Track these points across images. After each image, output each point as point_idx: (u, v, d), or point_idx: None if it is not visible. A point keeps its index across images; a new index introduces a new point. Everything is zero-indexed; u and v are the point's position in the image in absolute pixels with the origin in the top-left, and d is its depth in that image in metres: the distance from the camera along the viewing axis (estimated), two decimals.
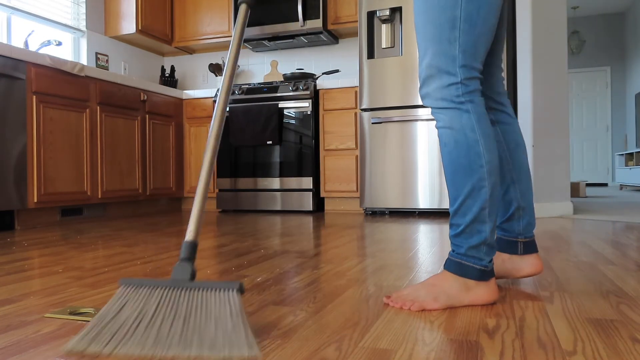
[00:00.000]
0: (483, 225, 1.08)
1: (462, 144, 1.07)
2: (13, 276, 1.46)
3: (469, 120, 1.07)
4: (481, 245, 1.08)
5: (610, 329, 0.93)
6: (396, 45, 3.56)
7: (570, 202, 3.35)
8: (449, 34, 1.07)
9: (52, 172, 2.95)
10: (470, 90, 1.08)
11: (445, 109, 1.09)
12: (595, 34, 9.29)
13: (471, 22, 1.06)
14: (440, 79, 1.09)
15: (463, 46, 1.07)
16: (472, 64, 1.08)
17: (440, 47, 1.08)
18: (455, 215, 1.10)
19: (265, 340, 0.88)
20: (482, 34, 1.08)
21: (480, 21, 1.07)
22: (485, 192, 1.07)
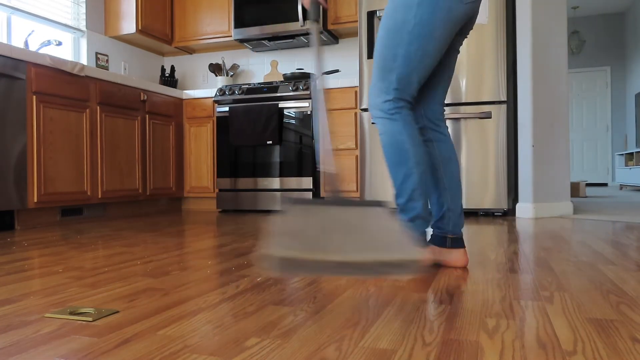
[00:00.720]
0: (416, 203, 1.43)
1: (394, 144, 1.43)
2: (13, 276, 1.47)
3: (398, 126, 1.43)
4: (416, 218, 1.44)
5: (610, 329, 0.93)
6: None
7: (570, 202, 3.35)
8: (390, 65, 1.43)
9: (52, 172, 2.95)
10: (400, 106, 1.44)
11: (382, 118, 1.46)
12: (595, 34, 9.29)
13: (408, 60, 1.41)
14: (380, 97, 1.46)
15: (398, 76, 1.43)
16: (403, 88, 1.44)
17: (383, 74, 1.45)
18: (397, 196, 1.46)
19: (265, 340, 0.88)
20: (415, 70, 1.42)
21: (416, 60, 1.41)
22: (415, 178, 1.42)
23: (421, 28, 1.39)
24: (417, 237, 1.42)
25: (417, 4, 1.39)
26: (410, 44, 1.40)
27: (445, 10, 1.39)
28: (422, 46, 1.40)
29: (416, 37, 1.39)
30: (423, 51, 1.40)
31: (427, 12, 1.39)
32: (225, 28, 4.38)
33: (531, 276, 1.39)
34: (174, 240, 2.24)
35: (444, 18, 1.40)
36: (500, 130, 3.30)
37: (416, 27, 1.39)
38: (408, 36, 1.40)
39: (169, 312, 1.06)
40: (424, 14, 1.39)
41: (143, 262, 1.67)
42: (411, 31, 1.39)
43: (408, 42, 1.40)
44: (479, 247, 1.95)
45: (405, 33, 1.40)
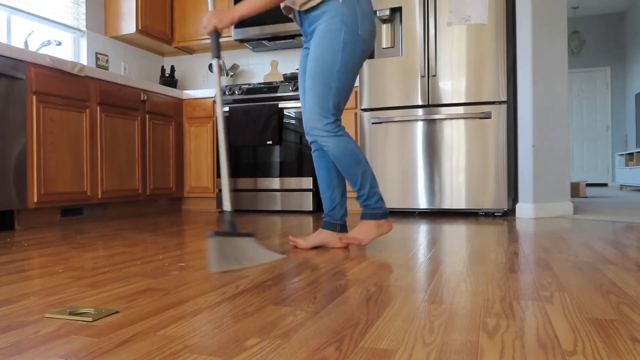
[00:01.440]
0: (376, 189, 1.92)
1: (347, 152, 1.85)
2: (13, 276, 1.46)
3: (344, 140, 1.85)
4: (380, 200, 1.93)
5: (610, 329, 0.93)
6: (396, 45, 3.56)
7: (570, 202, 3.35)
8: (327, 95, 1.84)
9: (52, 172, 2.95)
10: (339, 125, 1.87)
11: (328, 137, 1.84)
12: (595, 34, 9.29)
13: (339, 90, 1.85)
14: (321, 121, 1.84)
15: (334, 103, 1.85)
16: (337, 112, 1.87)
17: (322, 102, 1.84)
18: (360, 189, 1.90)
19: (265, 340, 0.88)
20: (343, 97, 1.88)
21: (344, 91, 1.86)
22: (370, 172, 1.90)
23: (346, 67, 1.83)
24: (382, 214, 1.92)
25: (342, 50, 1.81)
26: (339, 80, 1.84)
27: (360, 53, 1.86)
28: (347, 79, 1.86)
29: (343, 73, 1.84)
30: (348, 83, 1.86)
31: (348, 56, 1.83)
32: None
33: (531, 276, 1.39)
34: (174, 240, 2.24)
35: (359, 58, 1.87)
36: (500, 130, 3.30)
37: (342, 67, 1.83)
38: (337, 74, 1.83)
39: (169, 312, 1.06)
40: (347, 57, 1.83)
41: (143, 262, 1.67)
42: (339, 70, 1.83)
43: (337, 78, 1.83)
44: (479, 247, 1.95)
45: (335, 72, 1.82)
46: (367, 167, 1.89)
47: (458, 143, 3.38)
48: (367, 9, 1.87)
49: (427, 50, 3.46)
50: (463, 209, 3.38)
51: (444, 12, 3.41)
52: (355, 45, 1.82)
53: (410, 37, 3.49)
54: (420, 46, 3.46)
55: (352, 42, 1.82)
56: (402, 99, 3.51)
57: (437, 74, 3.43)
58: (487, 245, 1.99)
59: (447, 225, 2.80)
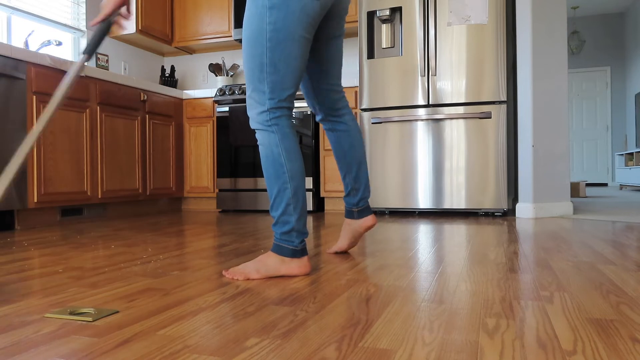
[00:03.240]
0: (290, 217, 1.43)
1: (270, 157, 1.43)
2: (13, 276, 1.47)
3: (275, 139, 1.42)
4: (291, 232, 1.43)
5: (610, 329, 0.93)
6: (396, 45, 3.56)
7: (570, 202, 3.35)
8: (259, 75, 1.41)
9: (52, 172, 2.95)
10: (277, 116, 1.42)
11: (259, 130, 1.44)
12: (595, 34, 9.29)
13: (275, 66, 1.39)
14: (256, 108, 1.44)
15: (270, 85, 1.41)
16: (278, 97, 1.42)
17: (255, 85, 1.43)
18: (271, 210, 1.46)
19: (265, 340, 0.88)
20: (286, 74, 1.41)
21: (283, 65, 1.40)
22: (289, 192, 1.42)
23: (277, 33, 1.38)
24: (289, 250, 1.43)
25: (269, 9, 1.37)
26: (272, 50, 1.39)
27: (297, 11, 1.38)
28: (284, 50, 1.39)
29: (276, 43, 1.38)
30: (287, 55, 1.40)
31: (280, 17, 1.37)
32: (225, 28, 4.38)
33: (531, 276, 1.39)
34: (174, 240, 2.24)
35: (298, 18, 1.39)
36: (500, 130, 3.30)
37: (273, 34, 1.38)
38: (268, 43, 1.38)
39: (169, 312, 1.06)
40: (277, 19, 1.37)
41: (143, 262, 1.67)
42: (270, 38, 1.38)
43: (270, 49, 1.39)
44: (479, 247, 1.95)
45: (265, 41, 1.38)
46: (289, 186, 1.42)
47: (458, 143, 3.38)
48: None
49: (427, 50, 3.46)
50: (463, 209, 3.38)
51: (444, 12, 3.41)
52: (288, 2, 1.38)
53: (410, 37, 3.49)
54: (420, 46, 3.46)
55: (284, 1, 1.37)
56: (402, 99, 3.51)
57: (437, 74, 3.43)
58: (487, 245, 1.99)
59: (447, 225, 2.80)
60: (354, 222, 1.76)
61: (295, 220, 1.43)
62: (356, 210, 1.75)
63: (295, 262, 1.44)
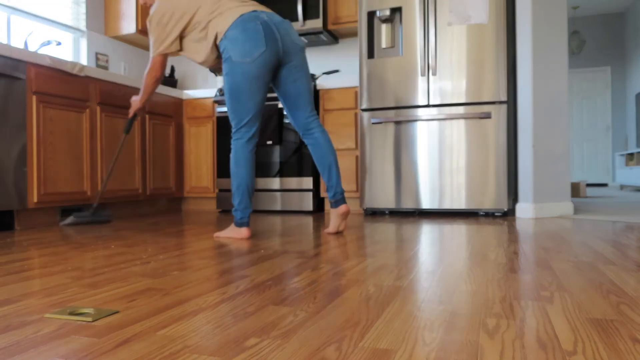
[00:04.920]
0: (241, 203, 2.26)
1: (233, 160, 2.25)
2: (13, 276, 1.46)
3: (234, 153, 2.24)
4: (236, 211, 2.27)
5: (610, 329, 0.93)
6: (396, 45, 3.56)
7: (570, 202, 3.35)
8: (231, 114, 2.25)
9: (52, 172, 2.95)
10: (236, 138, 2.25)
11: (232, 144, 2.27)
12: (595, 34, 9.29)
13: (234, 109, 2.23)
14: (232, 133, 2.28)
15: (235, 121, 2.24)
16: (239, 124, 2.23)
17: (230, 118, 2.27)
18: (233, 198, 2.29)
19: (265, 340, 0.88)
20: (243, 110, 2.22)
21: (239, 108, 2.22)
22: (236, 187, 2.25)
23: (232, 90, 2.19)
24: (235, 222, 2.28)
25: (226, 75, 2.19)
26: (232, 101, 2.21)
27: (239, 74, 2.16)
28: (238, 99, 2.19)
29: (232, 95, 2.20)
30: (240, 101, 2.19)
31: (231, 80, 2.18)
32: None
33: (531, 276, 1.39)
34: (174, 241, 2.24)
35: (244, 79, 2.16)
36: (500, 130, 3.30)
37: (230, 90, 2.20)
38: (229, 97, 2.21)
39: (169, 312, 1.06)
40: (230, 82, 2.19)
41: (143, 262, 1.67)
42: (230, 94, 2.20)
43: (231, 100, 2.21)
44: (479, 247, 1.95)
45: (228, 96, 2.21)
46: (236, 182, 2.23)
47: (458, 143, 3.38)
48: (234, 35, 2.15)
49: (427, 50, 3.46)
50: (463, 209, 3.38)
51: (444, 12, 3.41)
52: (234, 71, 2.16)
53: (410, 37, 3.49)
54: (420, 46, 3.46)
55: (231, 69, 2.17)
56: (402, 99, 3.51)
57: (437, 74, 3.43)
58: (487, 245, 1.99)
59: (447, 225, 2.80)
60: (333, 210, 2.38)
61: (237, 204, 2.27)
62: (333, 201, 2.38)
63: (239, 230, 2.27)
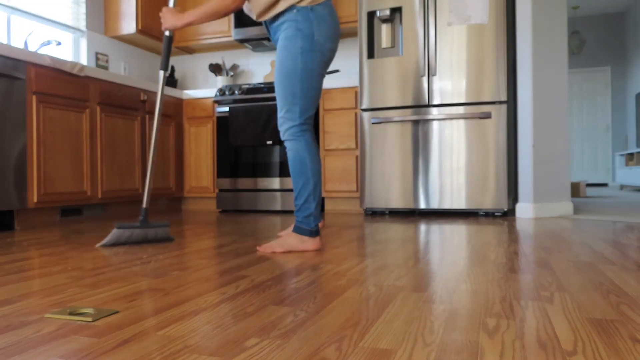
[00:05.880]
0: (310, 204, 1.91)
1: (297, 158, 1.92)
2: (13, 276, 1.46)
3: (302, 145, 1.92)
4: (310, 216, 1.91)
5: (610, 329, 0.93)
6: (396, 45, 3.56)
7: (570, 202, 3.35)
8: (292, 100, 1.92)
9: (52, 172, 2.95)
10: (303, 130, 1.94)
11: (289, 140, 1.94)
12: (596, 34, 9.29)
13: (304, 94, 1.93)
14: (287, 124, 1.93)
15: (300, 107, 1.92)
16: (305, 115, 1.94)
17: (288, 107, 1.93)
18: (296, 199, 1.93)
19: (265, 341, 0.88)
20: (311, 99, 1.95)
21: (310, 92, 1.94)
22: (310, 186, 1.91)
23: (307, 71, 1.92)
24: (307, 231, 1.92)
25: (300, 54, 1.91)
26: (302, 83, 1.92)
27: (319, 56, 1.94)
28: (310, 83, 1.93)
29: (306, 78, 1.92)
30: (312, 86, 1.94)
31: (308, 59, 1.91)
32: (225, 28, 4.38)
33: (531, 276, 1.39)
34: (174, 241, 2.24)
35: (319, 61, 1.94)
36: (500, 130, 3.30)
37: (303, 71, 1.91)
38: (299, 79, 1.91)
39: (169, 312, 1.06)
40: (307, 61, 1.91)
41: (143, 262, 1.67)
42: (301, 74, 1.91)
43: (301, 82, 1.91)
44: (479, 247, 1.95)
45: (297, 76, 1.91)
46: (311, 180, 1.91)
47: (458, 143, 3.38)
48: (323, 13, 1.94)
49: (427, 50, 3.46)
50: (463, 209, 3.38)
51: (444, 12, 3.41)
52: (313, 50, 1.92)
53: (410, 37, 3.49)
54: (420, 46, 3.46)
55: (310, 47, 1.92)
56: (402, 99, 3.51)
57: (437, 74, 3.43)
58: (487, 245, 1.99)
59: (447, 225, 2.80)
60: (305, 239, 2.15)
61: (314, 208, 1.92)
62: None
63: (311, 241, 1.92)
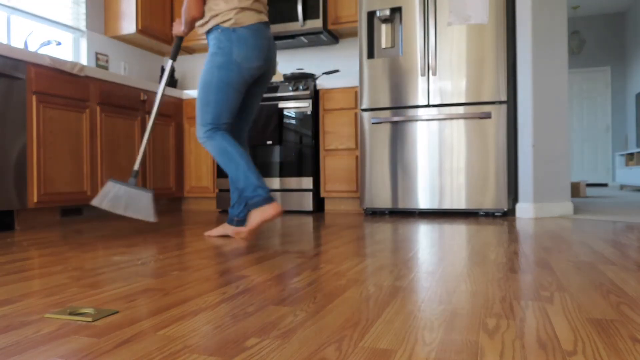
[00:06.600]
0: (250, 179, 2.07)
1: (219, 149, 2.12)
2: (13, 276, 1.47)
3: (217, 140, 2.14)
4: (257, 188, 2.06)
5: (610, 329, 0.93)
6: (396, 45, 3.56)
7: (570, 202, 3.35)
8: (205, 109, 2.17)
9: (52, 172, 2.95)
10: (215, 129, 2.16)
11: (205, 142, 2.17)
12: (596, 34, 9.29)
13: (216, 104, 2.16)
14: (201, 130, 2.18)
15: (213, 115, 2.16)
16: (217, 122, 2.17)
17: (202, 115, 2.18)
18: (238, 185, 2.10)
19: (265, 340, 0.88)
20: (224, 110, 2.17)
21: (225, 105, 2.16)
22: (242, 164, 2.09)
23: (221, 84, 2.15)
24: (261, 199, 2.04)
25: (217, 69, 2.14)
26: (216, 95, 2.15)
27: (234, 73, 2.15)
28: (224, 95, 2.15)
29: (219, 90, 2.15)
30: (226, 98, 2.16)
31: (226, 74, 2.14)
32: None
33: (531, 276, 1.39)
34: (174, 241, 2.24)
35: (238, 79, 2.16)
36: (500, 130, 3.30)
37: (218, 84, 2.15)
38: (214, 90, 2.15)
39: (169, 312, 1.06)
40: (221, 76, 2.14)
41: (143, 262, 1.67)
42: (216, 86, 2.15)
43: (215, 94, 2.15)
44: (479, 247, 1.95)
45: (212, 88, 2.15)
46: (239, 159, 2.08)
47: (458, 143, 3.38)
48: (245, 35, 2.14)
49: (427, 50, 3.46)
50: (463, 209, 3.38)
51: (444, 12, 3.41)
52: (230, 67, 2.14)
53: (410, 37, 3.49)
54: (420, 46, 3.46)
55: (227, 64, 2.14)
56: (402, 99, 3.51)
57: (437, 74, 3.43)
58: (487, 245, 1.99)
59: (447, 225, 2.80)
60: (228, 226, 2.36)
61: (255, 179, 2.08)
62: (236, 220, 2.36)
63: (269, 206, 2.03)
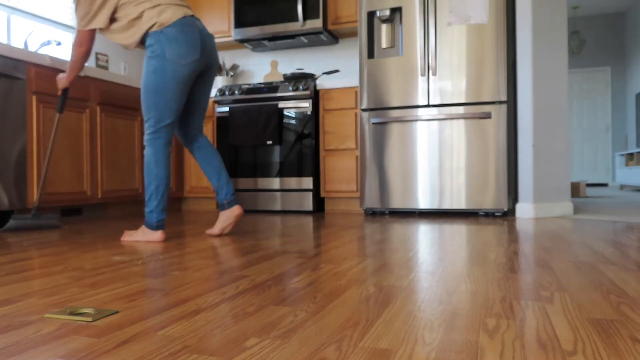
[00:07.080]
0: (152, 202, 2.22)
1: (147, 162, 2.22)
2: (13, 276, 1.46)
3: (150, 151, 2.22)
4: (152, 212, 2.22)
5: (610, 329, 0.93)
6: (396, 45, 3.56)
7: (570, 202, 3.35)
8: (148, 113, 2.21)
9: (52, 172, 2.95)
10: (155, 137, 2.21)
11: (146, 146, 2.24)
12: (596, 34, 9.29)
13: (157, 108, 2.19)
14: (146, 132, 2.23)
15: (154, 118, 2.20)
16: (159, 125, 2.21)
17: (146, 118, 2.23)
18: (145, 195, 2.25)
19: (265, 340, 0.88)
20: (166, 111, 2.20)
21: (166, 106, 2.19)
22: (152, 187, 2.22)
23: (159, 87, 2.16)
24: (151, 224, 2.21)
25: (153, 73, 2.16)
26: (155, 97, 2.18)
27: (171, 73, 2.15)
28: (164, 98, 2.18)
29: (158, 92, 2.17)
30: (165, 99, 2.18)
31: (160, 77, 2.15)
32: (225, 28, 4.38)
33: (531, 276, 1.39)
34: (174, 241, 2.24)
35: (173, 79, 2.16)
36: (500, 130, 3.30)
37: (156, 86, 2.16)
38: (153, 94, 2.17)
39: (168, 312, 1.06)
40: (159, 79, 2.15)
41: (143, 262, 1.67)
42: (155, 90, 2.16)
43: (154, 96, 2.17)
44: (479, 247, 1.95)
45: (151, 92, 2.17)
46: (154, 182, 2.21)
47: (458, 143, 3.38)
48: (172, 33, 2.14)
49: (427, 50, 3.46)
50: (463, 209, 3.38)
51: (444, 12, 3.41)
52: (165, 68, 2.15)
53: (410, 37, 3.49)
54: (420, 46, 3.46)
55: (162, 66, 2.15)
56: (402, 99, 3.51)
57: (437, 74, 3.43)
58: (487, 245, 1.99)
59: (447, 225, 2.80)
60: (225, 212, 2.37)
61: (154, 205, 2.22)
62: (226, 202, 2.37)
63: (152, 233, 2.21)
